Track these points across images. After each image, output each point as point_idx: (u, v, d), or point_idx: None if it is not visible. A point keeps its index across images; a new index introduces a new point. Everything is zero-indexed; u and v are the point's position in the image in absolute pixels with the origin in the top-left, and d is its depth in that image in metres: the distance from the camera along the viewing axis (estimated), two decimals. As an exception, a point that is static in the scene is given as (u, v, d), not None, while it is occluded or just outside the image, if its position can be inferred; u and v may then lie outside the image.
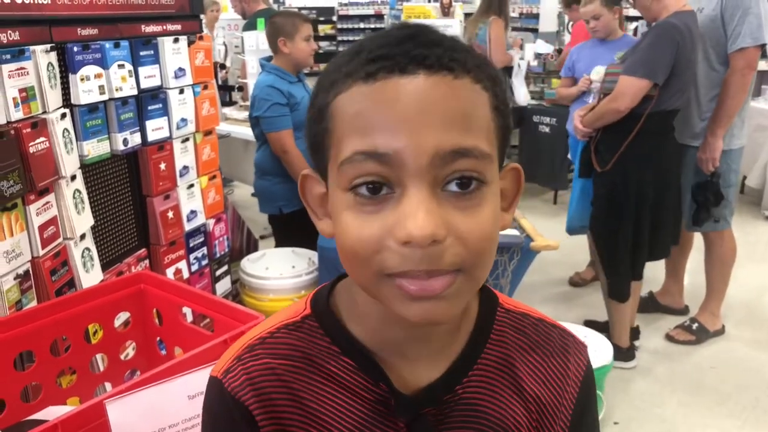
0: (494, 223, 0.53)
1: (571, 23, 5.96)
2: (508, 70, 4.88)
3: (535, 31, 7.99)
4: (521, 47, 5.30)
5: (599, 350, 2.35)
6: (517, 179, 0.60)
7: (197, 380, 1.02)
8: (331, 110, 0.54)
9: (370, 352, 0.60)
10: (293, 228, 2.88)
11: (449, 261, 0.50)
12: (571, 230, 3.42)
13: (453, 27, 6.40)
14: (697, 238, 3.15)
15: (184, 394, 1.01)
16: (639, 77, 2.45)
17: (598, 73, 3.25)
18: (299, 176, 0.61)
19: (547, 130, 5.03)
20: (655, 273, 3.22)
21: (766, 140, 4.78)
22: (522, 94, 4.96)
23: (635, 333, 2.97)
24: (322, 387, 0.60)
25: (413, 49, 0.51)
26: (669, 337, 3.09)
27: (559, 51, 5.81)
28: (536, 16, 8.78)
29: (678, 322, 3.17)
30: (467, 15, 9.31)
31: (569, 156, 4.08)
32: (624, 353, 2.82)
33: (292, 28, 2.72)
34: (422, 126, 0.49)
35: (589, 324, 3.00)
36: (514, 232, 2.34)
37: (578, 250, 3.61)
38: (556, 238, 2.39)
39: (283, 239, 2.95)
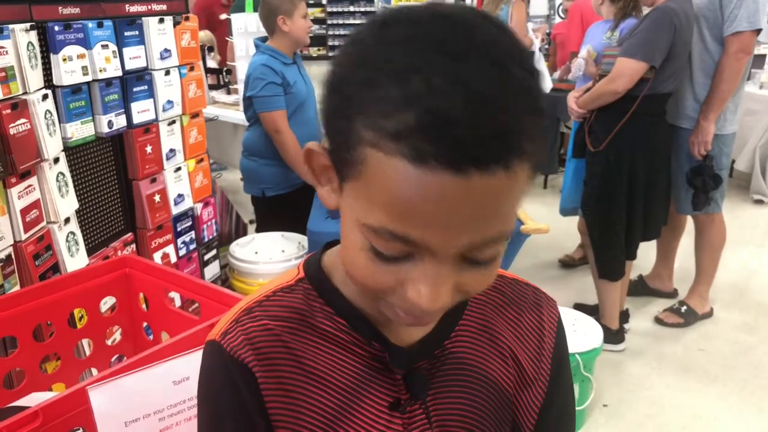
0: (496, 272, 0.54)
1: (561, 6, 5.93)
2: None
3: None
4: (547, 34, 5.06)
5: (589, 333, 2.35)
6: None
7: (182, 366, 1.00)
8: (361, 154, 0.47)
9: (363, 312, 0.61)
10: (274, 212, 2.86)
11: (445, 310, 0.53)
12: (565, 212, 3.42)
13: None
14: (688, 222, 3.15)
15: (169, 380, 0.99)
16: (637, 59, 2.47)
17: (583, 51, 3.26)
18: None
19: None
20: (644, 256, 3.22)
21: (755, 124, 4.79)
22: (547, 81, 4.62)
23: (625, 316, 2.98)
24: (319, 345, 0.61)
25: (475, 134, 0.43)
26: (658, 320, 3.11)
27: (548, 34, 5.76)
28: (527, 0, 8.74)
29: (667, 305, 3.19)
30: (458, -2, 9.25)
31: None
32: (613, 335, 2.83)
33: (290, 6, 2.68)
34: (461, 230, 0.47)
35: (579, 307, 3.01)
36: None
37: (568, 235, 3.61)
38: (546, 222, 2.38)
39: (264, 222, 2.93)
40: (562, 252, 3.77)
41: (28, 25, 1.53)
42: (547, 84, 4.58)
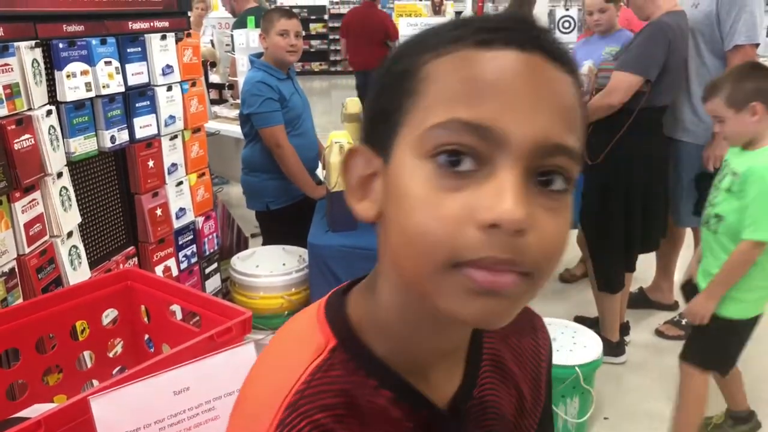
0: (569, 232, 0.50)
1: (562, 19, 5.98)
2: None
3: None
4: None
5: (589, 346, 2.36)
6: None
7: (183, 376, 1.01)
8: (423, 72, 0.48)
9: (405, 375, 0.55)
10: (280, 225, 2.88)
11: (528, 257, 0.46)
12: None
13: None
14: (688, 235, 3.16)
15: (169, 390, 1.00)
16: (632, 73, 2.50)
17: (583, 67, 3.27)
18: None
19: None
20: (644, 269, 3.23)
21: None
22: None
23: (625, 328, 2.99)
24: (368, 429, 0.54)
25: (531, 29, 0.49)
26: (658, 333, 3.11)
27: None
28: (527, 14, 8.80)
29: (667, 317, 3.19)
30: (458, 14, 9.32)
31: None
32: (614, 348, 2.83)
33: (268, 23, 2.73)
34: (537, 109, 0.46)
35: (579, 320, 3.01)
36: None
37: (568, 248, 3.61)
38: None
39: (270, 236, 2.95)
40: (562, 264, 3.78)
41: (33, 42, 1.57)
42: None
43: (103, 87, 1.82)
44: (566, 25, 5.91)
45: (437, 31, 0.51)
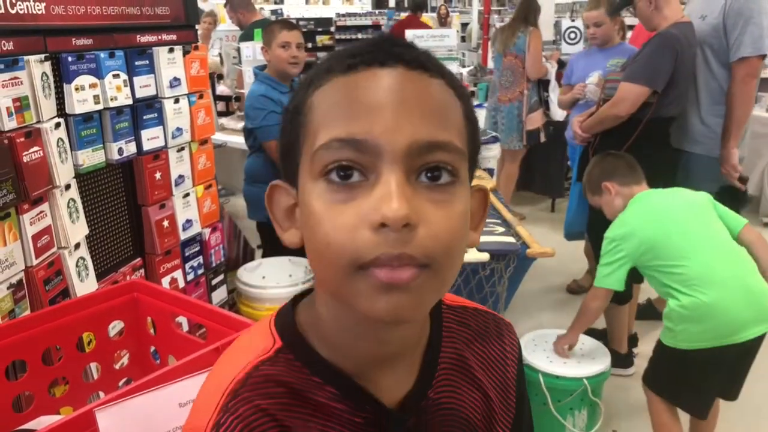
0: (464, 222, 0.54)
1: (568, 30, 5.98)
2: (544, 84, 4.65)
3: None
4: (558, 61, 4.89)
5: (597, 357, 2.34)
6: (483, 201, 0.62)
7: (188, 388, 1.01)
8: (308, 105, 0.56)
9: (350, 375, 0.60)
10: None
11: (420, 250, 0.50)
12: (570, 235, 3.43)
13: (450, 37, 6.44)
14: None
15: (175, 402, 1.00)
16: (639, 84, 2.51)
17: (592, 77, 3.27)
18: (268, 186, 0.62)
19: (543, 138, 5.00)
20: (652, 280, 3.21)
21: (763, 147, 4.80)
22: (559, 109, 4.53)
23: (633, 340, 2.97)
24: (313, 420, 0.58)
25: (392, 47, 0.55)
26: (667, 344, 3.08)
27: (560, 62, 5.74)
28: (533, 26, 8.80)
29: (676, 329, 3.16)
30: (464, 25, 9.36)
31: (569, 163, 4.06)
32: (622, 359, 2.81)
33: (270, 35, 2.74)
34: (400, 114, 0.51)
35: (587, 332, 2.99)
36: (510, 239, 2.34)
37: (575, 258, 3.61)
38: (553, 246, 2.39)
39: (271, 247, 2.95)
40: (569, 276, 3.76)
41: (42, 56, 1.58)
42: (559, 111, 4.57)
43: (111, 99, 1.83)
44: (572, 36, 5.91)
45: (318, 66, 0.58)
